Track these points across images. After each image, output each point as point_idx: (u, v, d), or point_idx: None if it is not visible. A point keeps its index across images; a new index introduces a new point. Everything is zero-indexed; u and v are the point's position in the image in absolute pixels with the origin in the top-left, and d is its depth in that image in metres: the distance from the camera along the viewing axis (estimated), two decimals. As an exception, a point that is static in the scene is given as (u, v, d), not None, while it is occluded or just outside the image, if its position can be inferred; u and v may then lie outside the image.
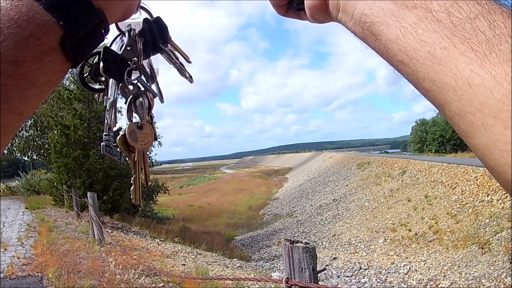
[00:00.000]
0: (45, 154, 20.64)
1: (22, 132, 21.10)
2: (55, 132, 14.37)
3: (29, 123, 20.65)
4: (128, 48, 0.55)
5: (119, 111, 0.65)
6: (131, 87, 0.57)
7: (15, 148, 22.28)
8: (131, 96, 0.57)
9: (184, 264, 8.20)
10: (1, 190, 21.12)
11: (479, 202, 12.83)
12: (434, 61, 0.35)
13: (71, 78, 15.15)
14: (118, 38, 0.57)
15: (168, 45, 0.59)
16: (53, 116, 16.88)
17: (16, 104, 0.37)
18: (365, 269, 11.79)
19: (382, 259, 12.39)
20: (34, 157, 23.62)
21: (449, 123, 0.37)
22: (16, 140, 21.23)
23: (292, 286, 2.35)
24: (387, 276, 11.01)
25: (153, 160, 29.11)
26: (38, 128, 21.42)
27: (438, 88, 0.35)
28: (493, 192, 12.69)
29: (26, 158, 25.28)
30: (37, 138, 22.15)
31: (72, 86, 14.62)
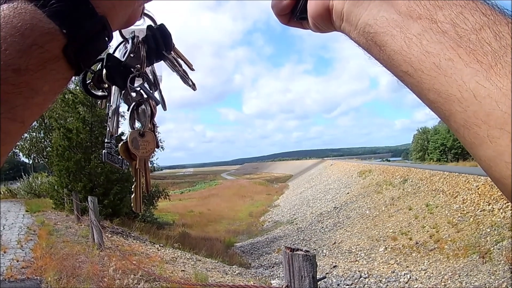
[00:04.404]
0: (47, 157, 20.67)
1: (26, 134, 21.18)
2: (57, 134, 14.40)
3: (36, 124, 20.73)
4: (132, 55, 0.55)
5: (122, 116, 0.65)
6: (133, 94, 0.57)
7: (17, 150, 22.36)
8: (133, 103, 0.57)
9: (184, 270, 8.18)
10: (2, 193, 21.15)
11: (480, 211, 12.79)
12: (439, 72, 0.35)
13: (75, 81, 15.20)
14: (122, 45, 0.57)
15: (172, 52, 0.59)
16: (56, 118, 16.93)
17: (19, 113, 0.36)
18: (365, 278, 11.74)
19: (383, 268, 12.33)
20: (36, 160, 23.68)
21: (454, 134, 0.36)
22: (21, 142, 21.29)
23: (292, 294, 2.33)
24: (387, 285, 10.95)
25: (154, 165, 29.10)
26: (42, 131, 21.49)
27: (443, 99, 0.35)
28: (494, 201, 12.65)
29: (28, 161, 25.33)
30: (42, 140, 22.23)
31: (76, 88, 14.63)
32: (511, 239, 10.06)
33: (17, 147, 21.72)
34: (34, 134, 22.28)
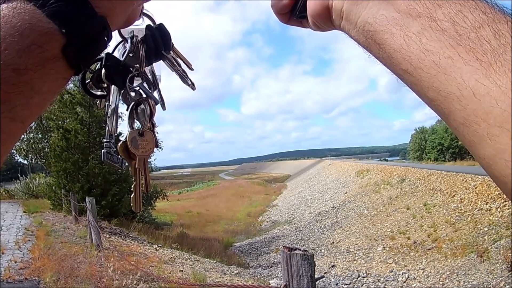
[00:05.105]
0: (45, 157, 20.62)
1: (23, 135, 21.09)
2: (56, 135, 14.36)
3: (33, 125, 20.68)
4: (131, 55, 0.55)
5: (120, 117, 0.65)
6: (133, 93, 0.57)
7: (14, 151, 22.26)
8: (132, 103, 0.57)
9: (182, 271, 8.17)
10: (0, 194, 21.07)
11: (478, 210, 12.81)
12: (439, 70, 0.35)
13: (74, 81, 15.15)
14: (121, 45, 0.57)
15: (171, 52, 0.59)
16: (53, 119, 16.89)
17: (19, 112, 0.36)
18: (363, 277, 11.75)
19: (381, 267, 12.34)
20: (33, 160, 23.63)
21: (454, 133, 0.36)
22: (18, 143, 21.25)
23: (291, 294, 2.33)
24: (385, 284, 10.96)
25: (153, 166, 29.08)
26: (39, 132, 21.44)
27: (443, 97, 0.35)
28: (492, 201, 12.68)
29: (26, 162, 25.26)
30: (40, 141, 22.18)
31: (74, 88, 14.58)
32: (509, 238, 10.08)
33: (14, 148, 21.65)
34: (32, 135, 22.24)
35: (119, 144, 0.55)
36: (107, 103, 0.57)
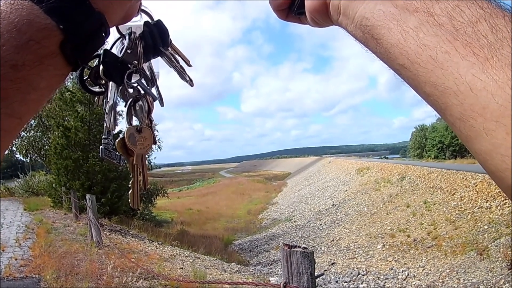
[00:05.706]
0: (45, 155, 20.64)
1: (23, 132, 21.12)
2: (56, 133, 14.36)
3: (33, 123, 20.72)
4: (129, 51, 0.55)
5: (119, 114, 0.65)
6: (131, 90, 0.56)
7: (14, 149, 22.30)
8: (131, 100, 0.57)
9: (182, 268, 8.18)
10: (0, 191, 21.10)
11: (478, 208, 12.82)
12: (436, 65, 0.35)
13: (74, 79, 15.14)
14: (119, 41, 0.57)
15: (169, 48, 0.59)
16: (54, 117, 16.88)
17: (17, 108, 0.36)
18: (363, 275, 11.76)
19: (381, 265, 12.35)
20: (33, 158, 23.65)
21: (451, 128, 0.36)
22: (18, 141, 21.26)
23: (290, 291, 2.33)
24: (385, 282, 10.97)
25: (152, 164, 29.11)
26: (40, 130, 21.45)
27: (440, 92, 0.35)
28: (492, 199, 12.68)
29: (26, 159, 25.26)
30: (38, 139, 22.20)
31: (74, 86, 14.56)
32: (509, 236, 10.09)
33: (14, 146, 21.68)
34: (32, 133, 22.26)
35: (117, 140, 0.55)
36: (105, 100, 0.57)
